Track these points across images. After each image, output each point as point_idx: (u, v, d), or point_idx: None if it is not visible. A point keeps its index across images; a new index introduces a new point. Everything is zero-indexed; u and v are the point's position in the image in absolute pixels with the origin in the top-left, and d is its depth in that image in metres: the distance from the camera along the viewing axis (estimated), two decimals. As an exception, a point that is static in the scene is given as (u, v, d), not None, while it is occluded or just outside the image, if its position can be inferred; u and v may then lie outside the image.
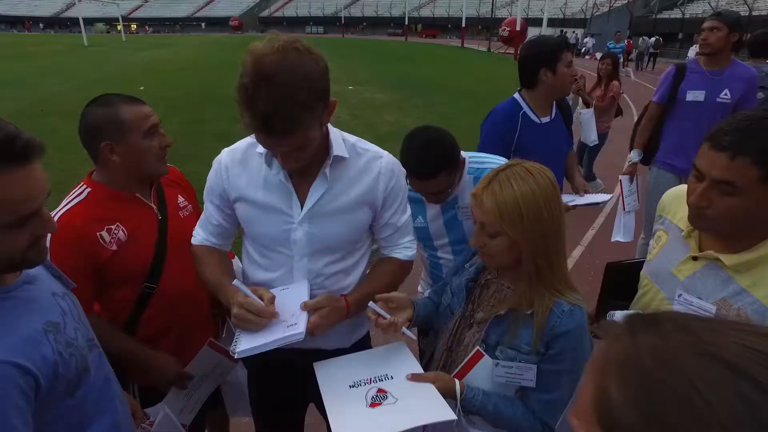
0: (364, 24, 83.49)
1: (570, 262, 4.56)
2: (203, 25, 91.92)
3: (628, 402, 0.45)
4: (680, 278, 1.28)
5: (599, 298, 1.66)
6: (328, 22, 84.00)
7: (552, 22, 37.67)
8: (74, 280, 1.43)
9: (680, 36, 32.53)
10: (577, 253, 4.75)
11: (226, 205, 1.48)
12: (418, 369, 1.31)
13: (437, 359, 1.40)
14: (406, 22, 60.40)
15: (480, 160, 1.88)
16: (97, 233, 1.50)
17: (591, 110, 5.67)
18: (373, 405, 1.21)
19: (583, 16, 46.50)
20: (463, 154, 1.80)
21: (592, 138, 5.80)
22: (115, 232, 1.53)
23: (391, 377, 1.30)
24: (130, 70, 20.62)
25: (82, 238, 1.47)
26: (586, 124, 5.80)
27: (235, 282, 1.33)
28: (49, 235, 1.01)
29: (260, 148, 1.36)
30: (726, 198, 1.08)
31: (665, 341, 0.46)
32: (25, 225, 0.90)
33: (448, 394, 1.21)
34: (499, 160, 1.85)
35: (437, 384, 1.22)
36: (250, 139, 1.42)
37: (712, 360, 0.43)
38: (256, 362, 1.38)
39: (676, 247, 1.31)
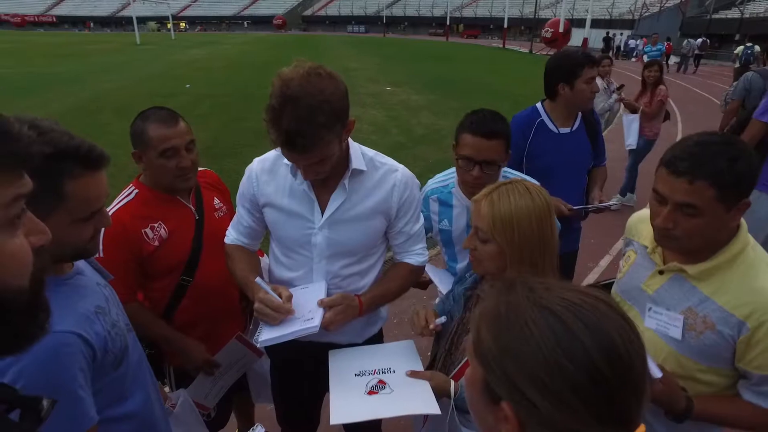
0: (406, 24, 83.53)
1: (596, 272, 4.55)
2: (245, 24, 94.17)
3: (490, 338, 0.67)
4: (649, 293, 1.35)
5: None
6: (370, 22, 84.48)
7: (597, 23, 36.70)
8: (121, 271, 1.63)
9: (737, 37, 30.98)
10: (604, 262, 4.73)
11: (256, 209, 1.63)
12: (419, 366, 1.44)
13: (438, 361, 1.52)
14: (448, 22, 60.10)
15: (511, 173, 1.95)
16: (142, 230, 1.69)
17: (635, 115, 5.62)
18: (370, 393, 1.36)
19: (630, 17, 44.98)
20: None
21: (628, 141, 5.77)
22: (158, 229, 1.72)
23: (393, 371, 1.43)
24: (178, 67, 21.45)
25: (129, 234, 1.66)
26: (626, 127, 5.75)
27: (258, 279, 1.49)
28: (102, 230, 1.19)
29: (287, 160, 1.50)
30: (689, 218, 1.15)
31: (515, 297, 0.68)
32: (91, 219, 1.08)
33: (443, 394, 1.33)
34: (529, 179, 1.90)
35: (432, 382, 1.34)
36: (277, 151, 1.57)
37: (540, 307, 0.65)
38: (278, 353, 1.54)
39: (644, 263, 1.39)
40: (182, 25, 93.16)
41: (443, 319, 1.44)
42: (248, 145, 8.12)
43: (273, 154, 1.60)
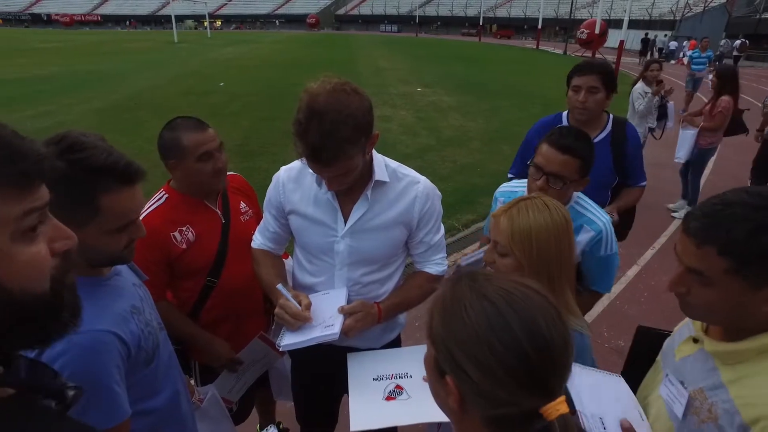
0: (438, 23, 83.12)
1: (624, 281, 4.46)
2: (277, 22, 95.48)
3: (438, 321, 0.78)
4: (675, 359, 1.21)
5: (627, 358, 1.59)
6: (403, 21, 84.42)
7: (635, 24, 35.68)
8: (151, 272, 1.72)
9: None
10: (632, 272, 4.63)
11: (281, 215, 1.70)
12: None
13: None
14: (481, 23, 59.50)
15: (585, 202, 1.87)
16: (171, 233, 1.78)
17: (693, 131, 5.47)
18: (388, 398, 1.40)
19: (671, 17, 43.56)
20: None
21: (677, 155, 5.63)
22: (186, 233, 1.81)
23: (410, 375, 1.47)
24: (213, 66, 21.94)
25: (159, 237, 1.75)
26: (680, 140, 5.61)
27: (279, 286, 1.55)
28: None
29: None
30: (702, 288, 1.01)
31: (460, 287, 0.78)
32: (126, 230, 1.15)
33: None
34: (600, 215, 1.83)
35: None
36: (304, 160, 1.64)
37: (478, 294, 0.75)
38: (298, 354, 1.60)
39: (689, 326, 1.24)
40: (218, 23, 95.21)
41: None
42: (278, 144, 8.25)
43: (299, 163, 1.66)
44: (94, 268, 1.18)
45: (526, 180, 1.96)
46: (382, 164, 1.59)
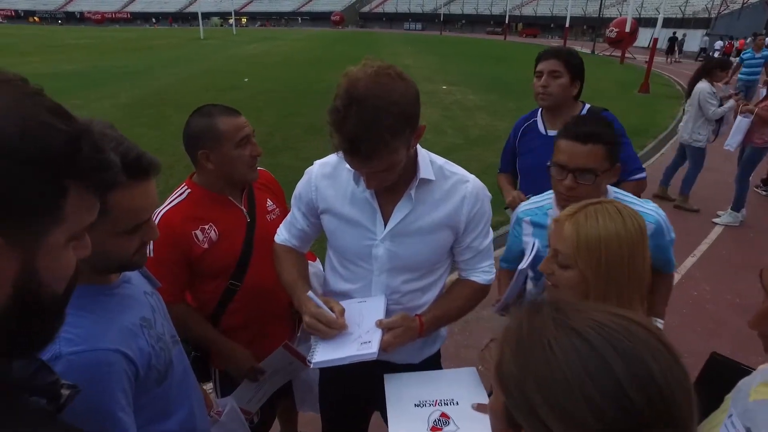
0: (463, 21, 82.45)
1: (664, 291, 4.19)
2: (299, 19, 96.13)
3: (511, 360, 0.64)
4: (749, 398, 1.04)
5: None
6: (427, 19, 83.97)
7: (667, 23, 34.58)
8: (170, 272, 1.57)
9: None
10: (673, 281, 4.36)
11: (312, 213, 1.54)
12: (484, 399, 1.30)
13: None
14: (507, 21, 58.72)
15: (621, 194, 1.67)
16: (192, 232, 1.64)
17: (746, 119, 5.19)
18: (434, 429, 1.23)
19: (706, 15, 42.21)
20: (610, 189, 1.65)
21: (728, 142, 5.34)
22: (208, 231, 1.66)
23: (457, 403, 1.31)
24: (237, 62, 22.14)
25: (179, 235, 1.61)
26: (734, 127, 5.33)
27: (309, 293, 1.40)
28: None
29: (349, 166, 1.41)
30: None
31: (540, 318, 0.64)
32: (137, 232, 1.01)
33: None
34: (647, 205, 1.63)
35: None
36: (340, 154, 1.48)
37: (565, 328, 0.61)
38: (329, 369, 1.44)
39: None
40: (243, 20, 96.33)
41: None
42: (302, 140, 8.22)
43: (334, 158, 1.50)
44: (100, 275, 1.03)
45: (545, 193, 1.77)
46: (427, 160, 1.42)
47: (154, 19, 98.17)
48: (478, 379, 1.40)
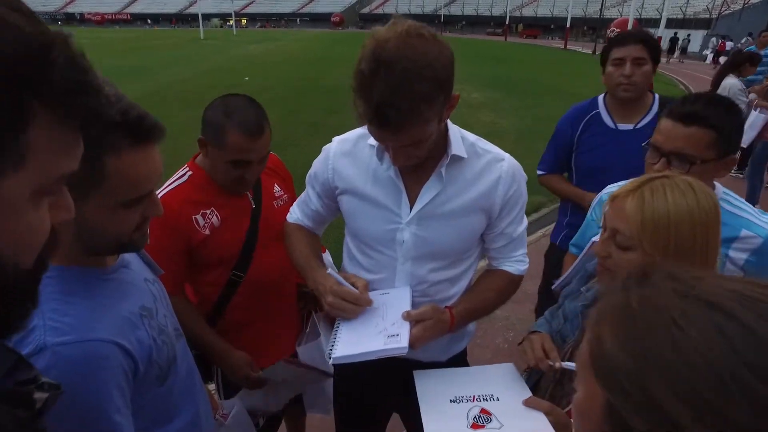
0: (463, 23, 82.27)
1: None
2: (298, 20, 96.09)
3: (618, 344, 0.49)
4: None
5: None
6: (427, 20, 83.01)
7: (668, 23, 34.52)
8: (168, 260, 1.44)
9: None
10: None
11: (327, 194, 1.42)
12: (528, 394, 1.17)
13: (542, 391, 1.24)
14: (507, 22, 58.63)
15: (730, 196, 1.45)
16: (193, 216, 1.52)
17: (763, 115, 5.09)
18: (474, 426, 1.10)
19: (707, 16, 42.15)
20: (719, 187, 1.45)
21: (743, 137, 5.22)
22: (210, 216, 1.54)
23: (497, 398, 1.18)
24: (238, 62, 22.04)
25: (178, 220, 1.48)
26: (748, 122, 5.22)
27: (330, 270, 1.29)
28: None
29: (372, 140, 1.27)
30: None
31: (652, 289, 0.51)
32: (138, 205, 0.88)
33: None
34: (762, 217, 1.38)
35: (551, 417, 1.06)
36: (361, 129, 1.35)
37: (693, 300, 0.48)
38: (345, 366, 1.32)
39: None
40: (243, 21, 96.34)
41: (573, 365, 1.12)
42: (304, 137, 8.17)
43: (355, 134, 1.37)
44: (95, 257, 0.90)
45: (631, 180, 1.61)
46: (458, 136, 1.29)
47: (149, 20, 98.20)
48: (517, 374, 1.28)
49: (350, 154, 1.36)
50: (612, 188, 1.63)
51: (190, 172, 1.57)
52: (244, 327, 1.68)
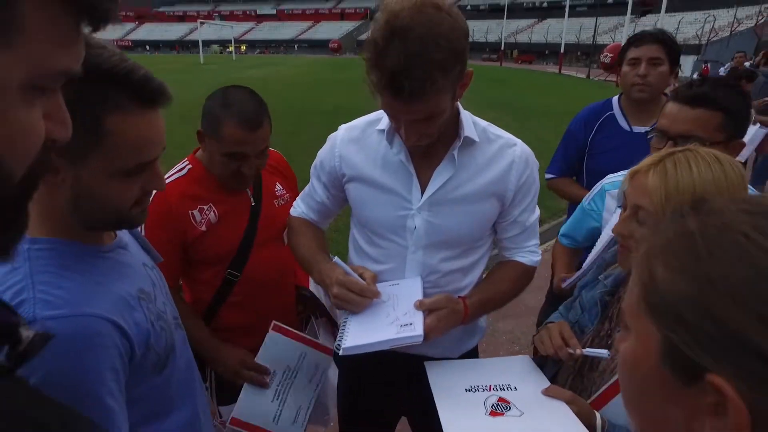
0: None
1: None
2: (296, 47, 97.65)
3: (676, 273, 0.44)
4: None
5: None
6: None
7: (661, 48, 35.20)
8: (163, 253, 1.38)
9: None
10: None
11: (334, 185, 1.39)
12: (547, 384, 1.12)
13: (561, 383, 1.17)
14: (502, 47, 59.75)
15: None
16: (190, 211, 1.48)
17: (763, 130, 5.11)
18: (493, 414, 1.05)
19: (697, 42, 43.08)
20: None
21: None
22: (207, 212, 1.50)
23: (515, 388, 1.13)
24: (238, 84, 22.31)
25: (174, 213, 1.45)
26: (748, 139, 5.22)
27: (336, 259, 1.24)
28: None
29: (381, 125, 1.25)
30: None
31: (711, 215, 0.45)
32: (139, 175, 0.84)
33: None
34: None
35: (573, 406, 1.01)
36: (369, 116, 1.33)
37: (764, 214, 0.43)
38: (350, 363, 1.25)
39: None
40: (242, 48, 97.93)
41: (605, 353, 1.05)
42: (303, 154, 8.04)
43: (362, 121, 1.35)
44: (90, 232, 0.85)
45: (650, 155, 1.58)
46: (470, 120, 1.26)
47: (147, 47, 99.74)
48: (534, 366, 1.22)
49: (358, 140, 1.33)
50: (614, 177, 1.60)
51: (189, 166, 1.54)
52: (239, 328, 1.62)
